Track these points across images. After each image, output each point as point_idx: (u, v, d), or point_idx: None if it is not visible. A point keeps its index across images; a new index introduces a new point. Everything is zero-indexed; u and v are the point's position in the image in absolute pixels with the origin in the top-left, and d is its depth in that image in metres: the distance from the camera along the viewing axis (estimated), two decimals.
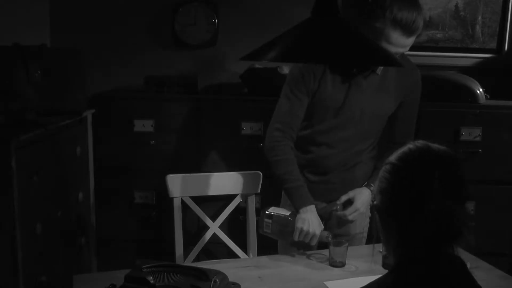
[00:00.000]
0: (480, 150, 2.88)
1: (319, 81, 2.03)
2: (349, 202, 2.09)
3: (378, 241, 1.30)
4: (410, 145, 1.22)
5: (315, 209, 2.02)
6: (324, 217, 2.12)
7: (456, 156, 1.20)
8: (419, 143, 1.21)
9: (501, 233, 2.95)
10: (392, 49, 1.88)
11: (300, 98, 2.05)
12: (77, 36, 3.24)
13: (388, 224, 1.22)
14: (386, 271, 1.36)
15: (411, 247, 1.17)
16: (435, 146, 1.21)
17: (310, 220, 1.97)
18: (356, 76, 2.03)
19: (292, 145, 2.11)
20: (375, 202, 1.24)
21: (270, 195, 2.29)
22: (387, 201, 1.20)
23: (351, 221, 2.13)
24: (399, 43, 1.88)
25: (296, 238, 1.97)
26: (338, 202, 2.09)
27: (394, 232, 1.20)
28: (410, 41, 1.90)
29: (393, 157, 1.22)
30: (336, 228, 2.19)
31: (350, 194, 2.09)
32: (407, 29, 1.86)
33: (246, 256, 2.42)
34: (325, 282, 1.79)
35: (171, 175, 2.34)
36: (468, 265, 1.43)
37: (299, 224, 1.96)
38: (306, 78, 2.02)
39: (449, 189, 1.15)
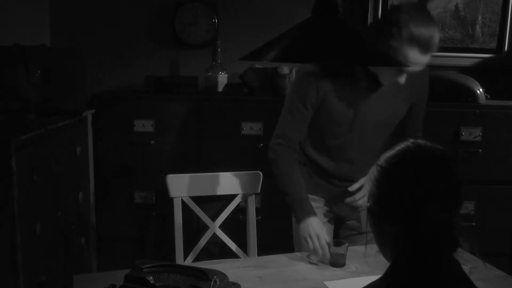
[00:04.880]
0: (480, 150, 2.87)
1: (325, 95, 2.01)
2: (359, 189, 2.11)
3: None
4: (399, 146, 1.17)
5: (316, 219, 2.02)
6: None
7: (451, 156, 1.16)
8: (410, 143, 1.16)
9: (501, 233, 2.95)
10: (410, 67, 1.84)
11: (302, 112, 2.04)
12: (77, 36, 3.24)
13: (380, 226, 1.19)
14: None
15: (405, 250, 1.14)
16: (427, 146, 1.16)
17: (310, 225, 1.98)
18: (363, 91, 2.01)
19: (295, 155, 2.12)
20: (367, 204, 1.21)
21: (270, 195, 2.29)
22: (378, 204, 1.17)
23: (360, 206, 2.10)
24: (417, 61, 1.83)
25: (307, 246, 1.98)
26: (350, 189, 2.09)
27: (387, 235, 1.17)
28: (428, 58, 1.85)
29: (382, 159, 1.18)
30: (349, 216, 2.20)
31: (362, 180, 2.08)
32: (425, 46, 1.80)
33: (246, 256, 2.42)
34: (325, 282, 1.78)
35: (171, 175, 2.34)
36: (468, 266, 1.43)
37: (301, 231, 2.00)
38: (309, 91, 2.01)
39: (441, 193, 1.11)
